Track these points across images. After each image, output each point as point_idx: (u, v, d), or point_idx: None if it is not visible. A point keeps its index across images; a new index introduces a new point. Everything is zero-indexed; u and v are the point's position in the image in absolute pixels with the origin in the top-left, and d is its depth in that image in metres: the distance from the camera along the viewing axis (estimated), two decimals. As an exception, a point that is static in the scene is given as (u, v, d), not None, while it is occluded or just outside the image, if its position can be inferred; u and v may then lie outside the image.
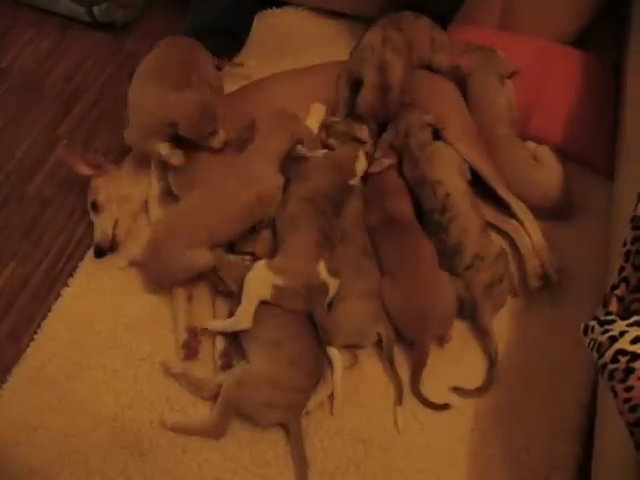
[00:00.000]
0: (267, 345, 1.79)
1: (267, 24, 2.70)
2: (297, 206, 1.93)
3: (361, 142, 2.09)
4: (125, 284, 2.05)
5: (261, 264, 1.83)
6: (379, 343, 1.88)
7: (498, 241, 2.04)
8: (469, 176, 2.06)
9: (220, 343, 1.90)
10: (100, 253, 2.07)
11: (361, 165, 2.06)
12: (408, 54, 2.16)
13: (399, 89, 2.09)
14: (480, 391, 1.84)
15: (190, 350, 1.91)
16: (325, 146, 2.14)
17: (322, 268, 1.83)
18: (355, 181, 2.04)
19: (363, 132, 2.09)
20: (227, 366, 1.87)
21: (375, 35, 2.16)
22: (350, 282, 1.89)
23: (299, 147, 2.03)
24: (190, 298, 1.99)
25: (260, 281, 1.81)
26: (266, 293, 1.80)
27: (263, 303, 1.81)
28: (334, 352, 1.82)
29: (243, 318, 1.80)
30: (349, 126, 2.10)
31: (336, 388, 1.82)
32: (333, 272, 1.85)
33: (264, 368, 1.76)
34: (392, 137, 2.08)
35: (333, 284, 1.84)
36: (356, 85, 2.15)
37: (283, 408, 1.75)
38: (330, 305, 1.87)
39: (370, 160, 2.08)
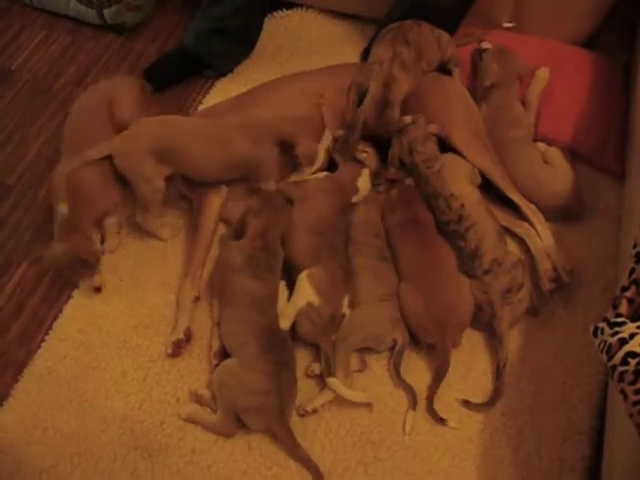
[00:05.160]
0: (230, 350, 1.84)
1: (277, 26, 2.71)
2: (308, 241, 1.94)
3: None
4: (135, 286, 2.06)
5: (303, 275, 1.87)
6: (390, 347, 1.89)
7: (511, 245, 2.04)
8: (479, 180, 2.06)
9: (215, 343, 1.92)
10: None
11: (364, 182, 2.07)
12: (416, 68, 2.17)
13: (398, 108, 2.10)
14: (487, 405, 1.82)
15: (178, 349, 1.93)
16: (331, 158, 2.15)
17: (345, 302, 1.87)
18: (358, 198, 2.05)
19: (366, 152, 2.10)
20: None
21: (385, 51, 2.16)
22: (370, 287, 1.91)
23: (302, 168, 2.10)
24: (197, 299, 2.00)
25: (301, 292, 1.86)
26: (301, 304, 1.85)
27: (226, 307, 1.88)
28: (333, 381, 1.81)
29: (282, 317, 1.84)
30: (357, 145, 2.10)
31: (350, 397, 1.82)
32: (351, 305, 1.89)
33: (235, 366, 1.78)
34: (398, 150, 2.07)
35: (346, 316, 1.89)
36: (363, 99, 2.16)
37: (258, 413, 1.75)
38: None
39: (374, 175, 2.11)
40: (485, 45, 2.32)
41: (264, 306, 1.84)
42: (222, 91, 2.51)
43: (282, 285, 1.94)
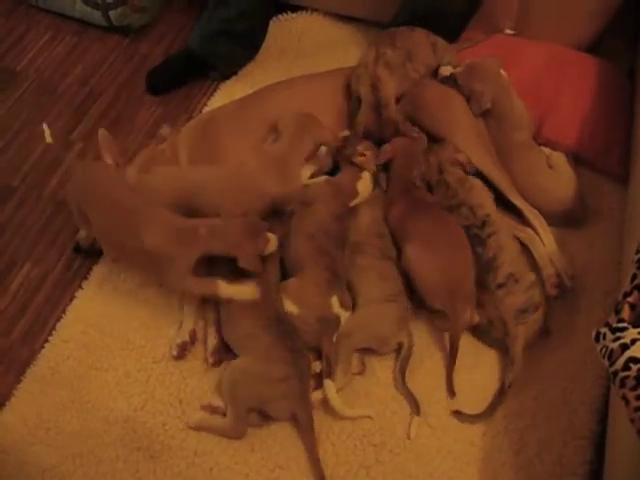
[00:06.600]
0: (240, 349, 1.84)
1: (282, 28, 2.72)
2: (302, 246, 1.94)
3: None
4: (138, 287, 2.06)
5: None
6: (395, 350, 1.90)
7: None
8: None
9: (211, 342, 1.92)
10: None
11: (365, 184, 2.05)
12: (404, 68, 2.18)
13: (393, 106, 2.11)
14: (481, 417, 1.81)
15: (183, 352, 1.93)
16: (335, 162, 2.15)
17: (335, 301, 1.86)
18: (357, 201, 2.03)
19: (364, 155, 2.09)
20: (218, 363, 1.90)
21: (369, 53, 2.19)
22: (374, 288, 1.91)
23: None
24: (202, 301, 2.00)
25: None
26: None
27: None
28: (329, 384, 1.80)
29: None
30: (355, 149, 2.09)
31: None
32: (346, 305, 1.88)
33: (248, 363, 1.78)
34: (422, 169, 2.06)
35: (345, 317, 1.88)
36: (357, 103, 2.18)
37: (283, 399, 1.75)
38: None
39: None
40: (444, 72, 2.23)
41: (262, 291, 1.84)
42: (227, 93, 2.52)
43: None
